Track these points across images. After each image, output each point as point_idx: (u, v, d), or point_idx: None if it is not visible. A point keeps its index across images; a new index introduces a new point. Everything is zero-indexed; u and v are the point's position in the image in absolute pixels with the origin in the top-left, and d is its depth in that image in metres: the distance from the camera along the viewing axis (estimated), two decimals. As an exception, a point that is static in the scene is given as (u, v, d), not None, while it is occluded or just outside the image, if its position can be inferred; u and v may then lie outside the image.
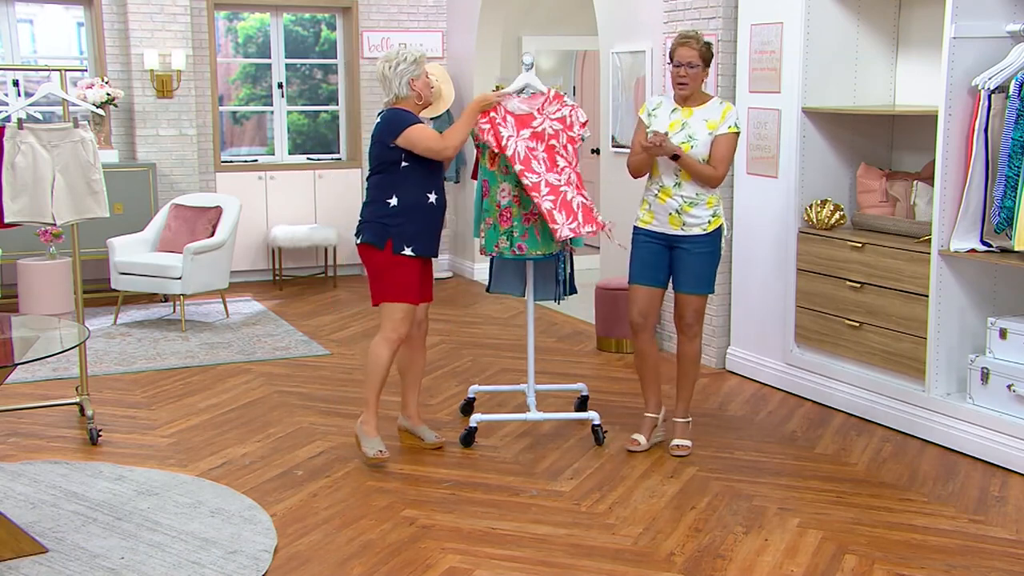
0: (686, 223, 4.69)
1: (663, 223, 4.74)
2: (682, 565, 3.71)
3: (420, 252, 4.68)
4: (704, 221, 4.69)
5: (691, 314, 4.78)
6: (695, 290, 4.75)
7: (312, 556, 3.79)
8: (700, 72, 4.65)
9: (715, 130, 4.65)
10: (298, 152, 9.73)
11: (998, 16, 4.75)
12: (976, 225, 4.75)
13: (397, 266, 4.66)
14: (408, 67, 4.75)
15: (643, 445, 4.85)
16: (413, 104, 4.78)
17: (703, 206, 4.68)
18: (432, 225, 4.75)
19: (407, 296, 4.69)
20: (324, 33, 9.97)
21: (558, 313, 7.75)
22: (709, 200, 4.69)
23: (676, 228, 4.71)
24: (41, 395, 5.69)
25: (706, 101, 4.72)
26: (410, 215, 4.66)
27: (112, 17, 8.54)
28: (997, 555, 3.78)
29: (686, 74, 4.64)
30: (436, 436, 4.97)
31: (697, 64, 4.63)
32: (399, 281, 4.67)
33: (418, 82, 4.77)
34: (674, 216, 4.69)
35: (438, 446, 4.94)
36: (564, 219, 4.67)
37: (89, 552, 3.78)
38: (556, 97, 4.89)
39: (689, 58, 4.62)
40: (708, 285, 4.78)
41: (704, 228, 4.69)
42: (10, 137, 4.94)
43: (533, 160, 4.74)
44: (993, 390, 4.73)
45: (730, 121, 4.66)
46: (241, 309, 8.09)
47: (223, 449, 4.93)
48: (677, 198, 4.67)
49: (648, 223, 4.79)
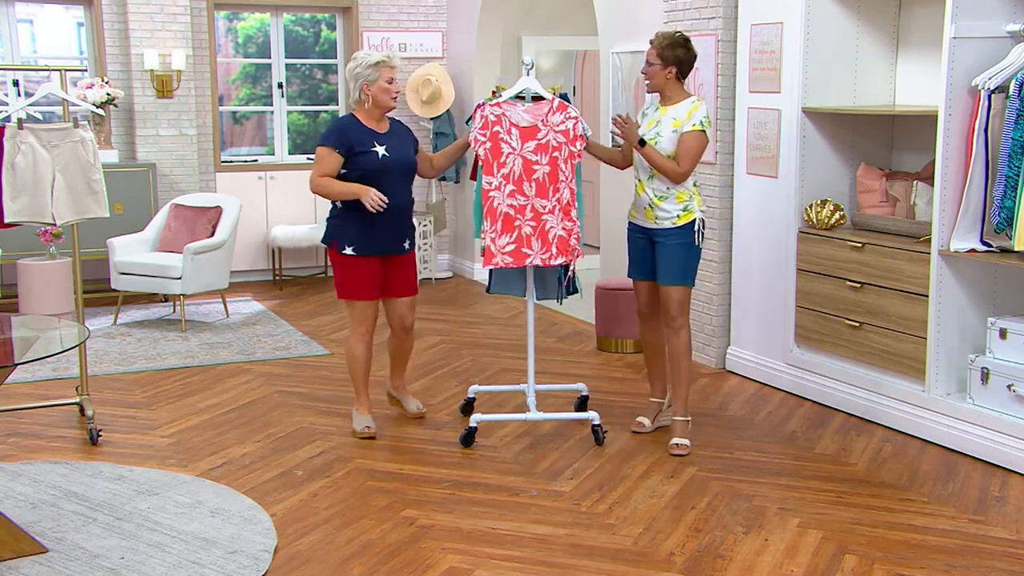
0: (658, 216, 4.83)
1: (641, 217, 4.92)
2: (682, 565, 3.71)
3: (360, 252, 4.91)
4: (674, 215, 4.79)
5: (673, 306, 4.87)
6: (670, 280, 4.84)
7: (312, 556, 3.79)
8: (659, 70, 4.79)
9: (680, 127, 4.75)
10: (298, 152, 9.73)
11: (998, 16, 4.75)
12: (976, 225, 4.75)
13: (343, 265, 4.95)
14: (364, 71, 4.88)
15: (648, 427, 5.06)
16: (363, 109, 4.93)
17: (672, 200, 4.79)
18: (375, 226, 4.89)
19: (356, 293, 4.95)
20: (324, 33, 9.97)
21: (558, 313, 7.75)
22: (679, 195, 4.79)
23: (651, 222, 4.86)
24: (41, 395, 5.69)
25: (681, 100, 4.82)
26: (349, 217, 4.90)
27: (112, 17, 8.54)
28: (997, 555, 3.78)
29: (644, 71, 4.85)
30: (419, 406, 5.34)
31: (654, 63, 4.79)
32: (347, 279, 4.96)
33: (372, 87, 4.87)
34: (648, 210, 4.86)
35: (420, 416, 5.31)
36: (538, 248, 4.85)
37: (89, 552, 3.78)
38: (560, 107, 4.90)
39: (648, 56, 4.83)
40: (683, 276, 4.85)
41: (674, 222, 4.80)
42: (10, 137, 4.94)
43: (525, 182, 4.83)
44: (993, 390, 4.73)
45: (695, 119, 4.74)
46: (241, 309, 8.09)
47: (223, 449, 4.93)
48: (649, 191, 4.83)
49: (634, 217, 5.00)
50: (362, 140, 4.87)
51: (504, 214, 4.82)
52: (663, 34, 4.84)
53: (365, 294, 4.97)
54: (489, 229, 4.82)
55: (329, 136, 4.88)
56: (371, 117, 4.94)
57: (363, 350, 5.04)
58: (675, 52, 4.77)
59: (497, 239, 4.82)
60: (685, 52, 4.79)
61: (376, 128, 4.94)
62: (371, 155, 4.86)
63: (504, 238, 4.83)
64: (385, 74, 4.86)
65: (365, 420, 5.09)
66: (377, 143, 4.89)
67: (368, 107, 4.92)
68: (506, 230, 4.83)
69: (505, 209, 4.82)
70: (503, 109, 4.88)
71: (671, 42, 4.78)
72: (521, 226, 4.85)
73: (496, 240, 4.82)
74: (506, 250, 4.84)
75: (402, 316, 5.15)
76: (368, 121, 4.93)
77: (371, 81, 4.86)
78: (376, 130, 4.93)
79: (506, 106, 4.90)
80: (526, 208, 4.84)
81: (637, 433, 5.06)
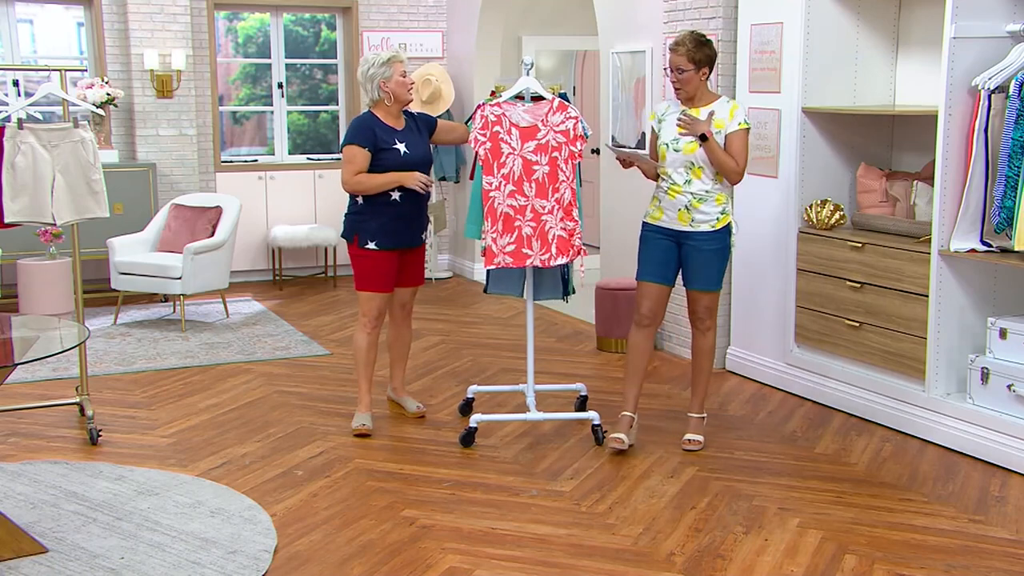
0: (695, 219, 4.72)
1: (672, 219, 4.77)
2: (682, 565, 3.71)
3: (383, 246, 5.01)
4: (713, 218, 4.71)
5: (703, 310, 4.84)
6: (705, 287, 4.79)
7: (312, 556, 3.79)
8: (693, 75, 4.68)
9: (723, 128, 4.67)
10: (298, 152, 9.73)
11: (998, 16, 4.74)
12: (976, 225, 4.75)
13: (364, 258, 5.05)
14: (378, 70, 5.01)
15: (627, 442, 4.78)
16: (384, 107, 5.03)
17: (712, 202, 4.71)
18: (397, 220, 5.03)
19: (373, 285, 5.07)
20: (324, 33, 9.97)
21: (558, 313, 7.75)
22: (718, 197, 4.72)
23: (685, 224, 4.74)
24: (41, 395, 5.69)
25: (713, 100, 4.75)
26: (373, 212, 5.00)
27: (112, 17, 8.54)
28: (997, 555, 3.78)
29: (677, 79, 4.72)
30: (418, 406, 5.38)
31: (687, 68, 4.67)
32: (366, 272, 5.07)
33: (389, 83, 4.99)
34: (683, 212, 4.72)
35: (419, 415, 5.34)
36: (538, 249, 4.85)
37: (89, 552, 3.78)
38: (560, 107, 4.89)
39: (678, 64, 4.69)
40: (717, 282, 4.81)
41: (713, 225, 4.71)
42: (10, 137, 4.94)
43: (525, 182, 4.83)
44: (993, 390, 4.73)
45: (739, 118, 4.70)
46: (241, 309, 8.09)
47: (223, 449, 4.93)
48: (687, 194, 4.71)
49: (658, 219, 4.82)
50: (385, 138, 4.98)
51: (504, 214, 4.83)
52: (687, 37, 4.69)
53: (383, 287, 5.09)
54: (490, 229, 4.83)
55: (357, 134, 4.96)
56: (390, 114, 5.04)
57: (368, 340, 5.15)
58: (705, 52, 4.68)
59: (498, 239, 4.83)
60: (711, 50, 4.71)
61: (395, 125, 5.03)
62: (393, 152, 4.97)
63: (504, 238, 4.84)
64: (398, 68, 4.97)
65: (362, 418, 5.14)
66: (398, 140, 5.00)
67: (389, 103, 5.01)
68: (506, 230, 4.84)
69: (505, 209, 4.82)
70: (503, 109, 4.88)
71: (699, 42, 4.67)
72: (521, 226, 4.85)
73: (497, 240, 4.83)
74: (506, 250, 4.84)
75: (404, 301, 5.31)
76: (387, 119, 5.03)
77: (387, 78, 4.96)
78: (395, 127, 5.03)
79: (506, 106, 4.90)
80: (526, 208, 4.84)
81: (619, 451, 4.78)
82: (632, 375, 4.92)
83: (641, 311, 4.87)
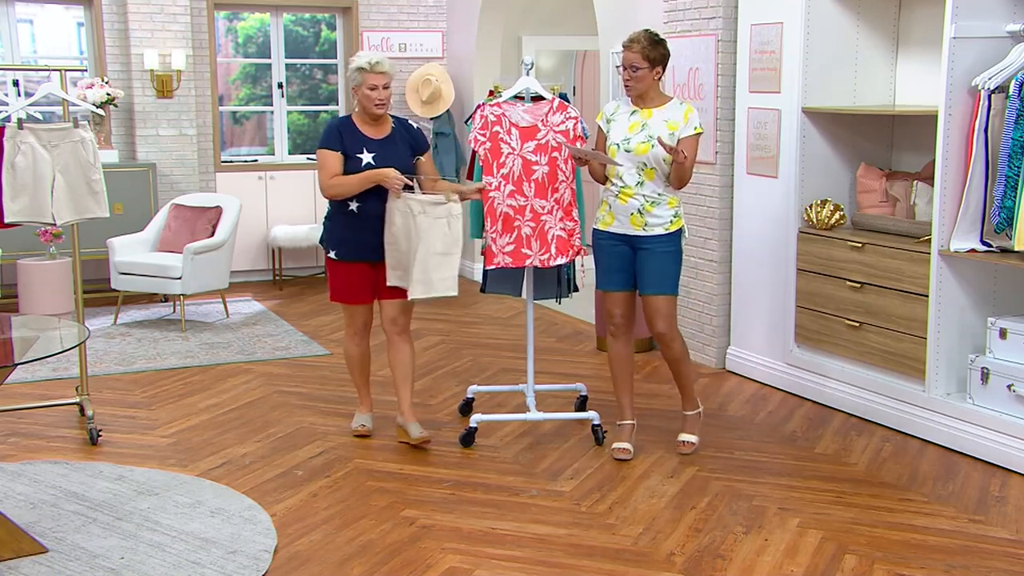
0: (648, 223, 4.63)
1: (624, 224, 4.67)
2: (682, 565, 3.71)
3: (342, 256, 4.86)
4: (666, 221, 4.64)
5: (662, 323, 4.68)
6: (660, 290, 4.66)
7: (312, 556, 3.79)
8: (647, 73, 4.62)
9: (677, 131, 4.60)
10: (298, 152, 9.73)
11: (998, 16, 4.74)
12: (976, 225, 4.75)
13: (330, 267, 4.95)
14: (351, 74, 4.83)
15: (631, 451, 4.77)
16: (358, 114, 4.86)
17: (664, 206, 4.64)
18: (356, 232, 4.81)
19: (342, 296, 4.95)
20: (324, 33, 9.98)
21: (558, 313, 7.75)
22: (670, 200, 4.65)
23: (638, 228, 4.65)
24: (41, 395, 5.69)
25: (665, 102, 4.68)
26: (334, 222, 4.88)
27: (112, 17, 8.54)
28: (997, 555, 3.78)
29: (630, 77, 4.64)
30: (420, 432, 4.89)
31: (641, 66, 4.60)
32: (334, 282, 4.95)
33: (358, 91, 4.79)
34: (636, 216, 4.64)
35: (421, 441, 4.87)
36: (537, 249, 4.84)
37: (89, 552, 3.78)
38: (560, 107, 4.89)
39: (632, 61, 4.61)
40: (673, 286, 4.71)
41: (666, 228, 4.64)
42: (10, 137, 4.94)
43: (525, 182, 4.82)
44: (993, 390, 4.73)
45: (694, 123, 4.63)
46: (241, 309, 8.09)
47: (223, 449, 4.93)
48: (639, 197, 4.62)
49: (609, 224, 4.73)
50: (352, 145, 4.75)
51: (504, 214, 4.82)
52: (642, 35, 4.64)
53: (352, 298, 4.91)
54: (490, 229, 4.82)
55: (325, 138, 4.79)
56: (365, 121, 4.81)
57: (354, 350, 5.07)
58: (659, 51, 4.60)
59: (497, 239, 4.83)
60: (665, 49, 4.63)
61: (371, 133, 4.79)
62: (354, 161, 4.73)
63: (504, 238, 4.84)
64: (368, 80, 4.69)
65: (361, 418, 5.13)
66: (366, 150, 4.74)
67: (356, 110, 4.85)
68: (506, 230, 4.84)
69: (504, 209, 4.82)
70: (503, 109, 4.88)
71: (653, 41, 4.60)
72: (520, 226, 4.84)
73: (496, 240, 4.83)
74: (506, 250, 4.84)
75: (392, 318, 4.93)
76: (363, 125, 4.80)
77: (356, 85, 4.76)
78: (370, 135, 4.78)
79: (506, 106, 4.90)
80: (525, 208, 4.84)
81: (623, 461, 4.73)
82: (621, 384, 4.89)
83: (613, 321, 4.80)
